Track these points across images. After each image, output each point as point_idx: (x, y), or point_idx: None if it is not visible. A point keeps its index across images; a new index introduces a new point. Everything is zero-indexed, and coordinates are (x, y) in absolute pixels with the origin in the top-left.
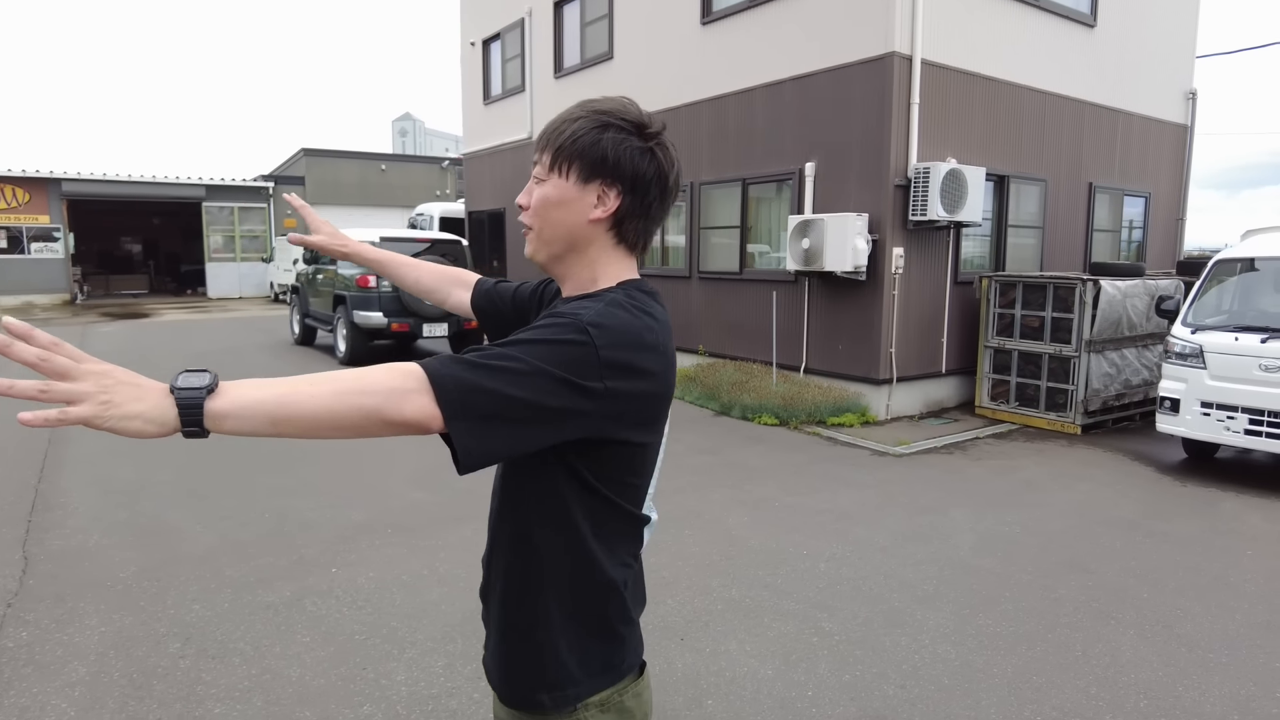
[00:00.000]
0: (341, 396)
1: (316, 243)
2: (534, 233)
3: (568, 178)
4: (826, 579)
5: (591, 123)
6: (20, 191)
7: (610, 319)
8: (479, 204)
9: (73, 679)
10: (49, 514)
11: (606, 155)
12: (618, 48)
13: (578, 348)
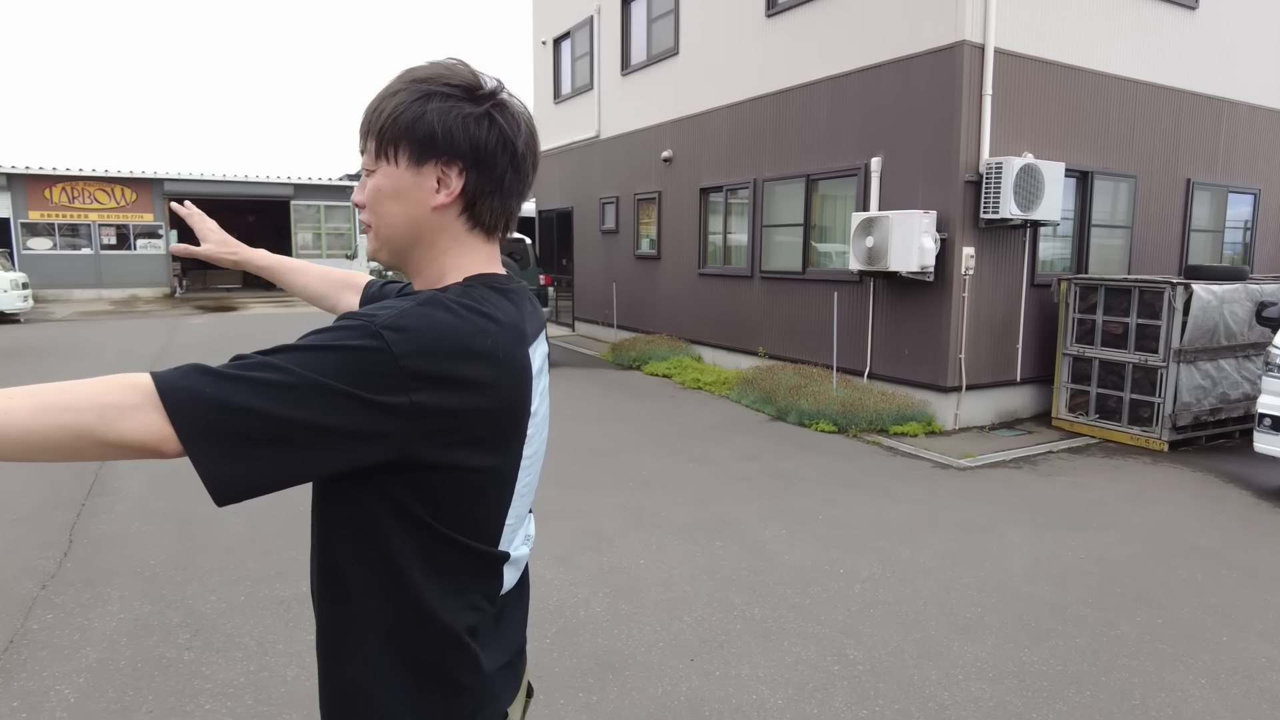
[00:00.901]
0: (41, 414)
1: (202, 253)
2: (372, 230)
3: (397, 163)
4: (859, 601)
5: (412, 94)
6: (128, 191)
7: (419, 320)
8: (548, 203)
9: (81, 665)
10: (101, 499)
11: (435, 130)
12: (683, 43)
13: (367, 354)
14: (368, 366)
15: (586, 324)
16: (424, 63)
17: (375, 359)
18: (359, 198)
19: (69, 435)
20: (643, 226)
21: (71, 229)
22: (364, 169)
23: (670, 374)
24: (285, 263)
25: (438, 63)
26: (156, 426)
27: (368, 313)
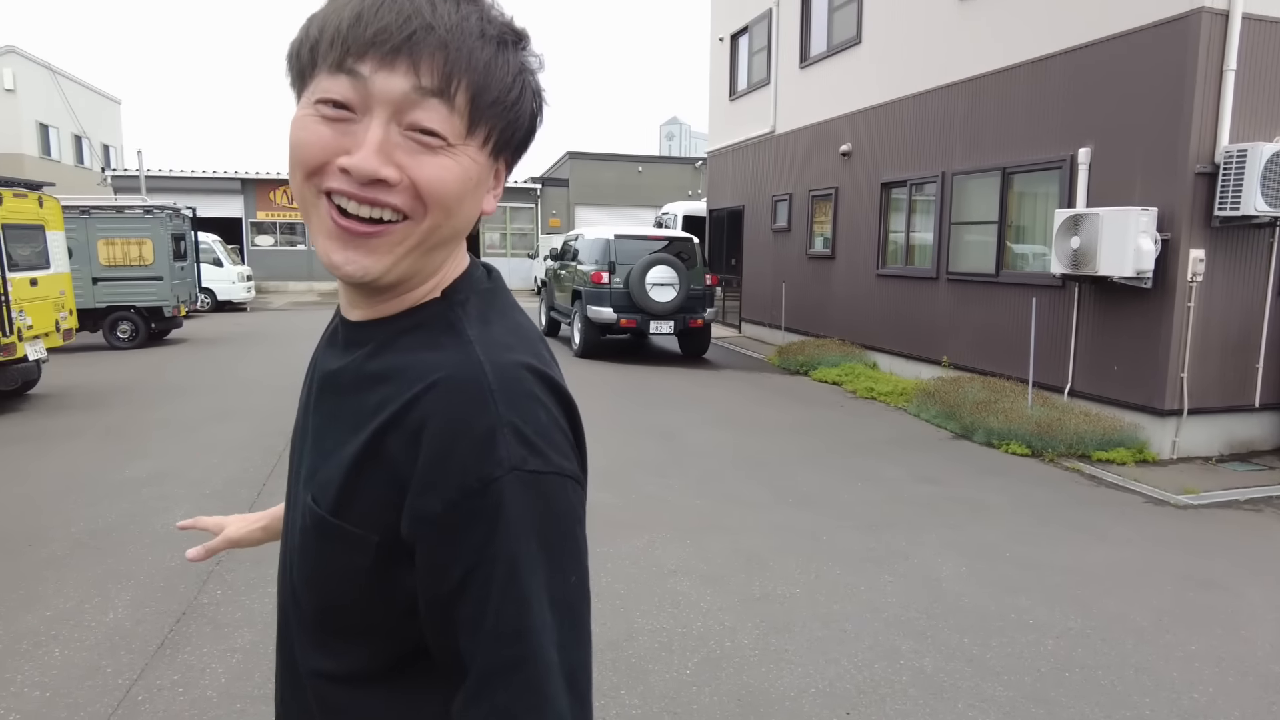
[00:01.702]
0: None
1: (228, 543)
2: (411, 230)
3: (482, 146)
4: (1052, 661)
5: (498, 48)
6: None
7: (536, 397)
8: (719, 201)
9: (236, 645)
10: (280, 480)
11: (534, 116)
12: (866, 30)
13: (576, 494)
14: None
15: (753, 325)
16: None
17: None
18: (390, 171)
19: None
20: (817, 224)
21: (289, 228)
22: (417, 131)
23: (841, 381)
24: None
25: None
26: None
27: (528, 450)
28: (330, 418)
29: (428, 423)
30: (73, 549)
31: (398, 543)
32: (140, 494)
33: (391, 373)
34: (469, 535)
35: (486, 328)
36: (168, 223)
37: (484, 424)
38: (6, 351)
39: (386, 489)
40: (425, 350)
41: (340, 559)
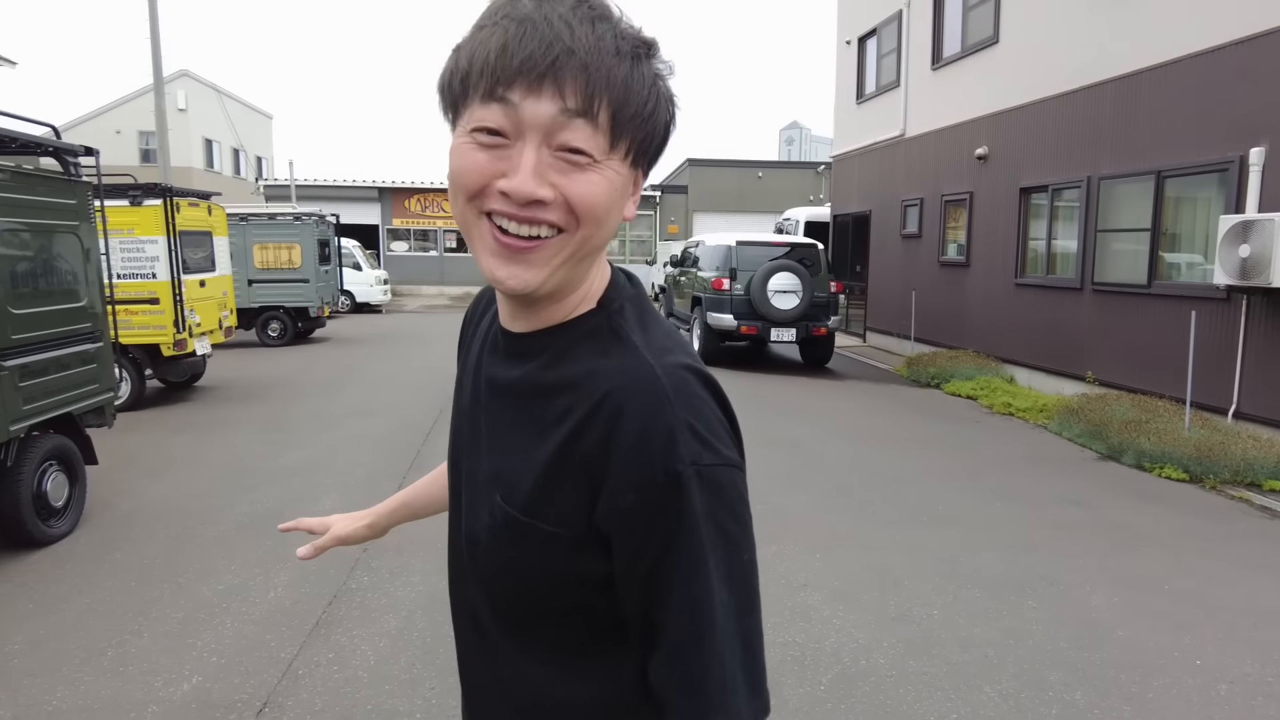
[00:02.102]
0: None
1: (335, 541)
2: (566, 242)
3: (628, 159)
4: (1226, 709)
5: (653, 73)
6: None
7: (700, 396)
8: (844, 207)
9: (383, 629)
10: (419, 473)
11: (670, 130)
12: (1004, 29)
13: (741, 480)
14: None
15: (879, 335)
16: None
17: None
18: (544, 191)
19: None
20: (950, 231)
21: (423, 234)
22: (568, 151)
23: (975, 395)
24: (415, 487)
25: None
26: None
27: (702, 446)
28: (511, 424)
29: (615, 427)
30: (238, 530)
31: (588, 534)
32: (293, 482)
33: (571, 382)
34: (659, 524)
35: (646, 333)
36: (314, 229)
37: (665, 425)
38: (179, 346)
39: (578, 490)
40: (598, 358)
41: (534, 552)
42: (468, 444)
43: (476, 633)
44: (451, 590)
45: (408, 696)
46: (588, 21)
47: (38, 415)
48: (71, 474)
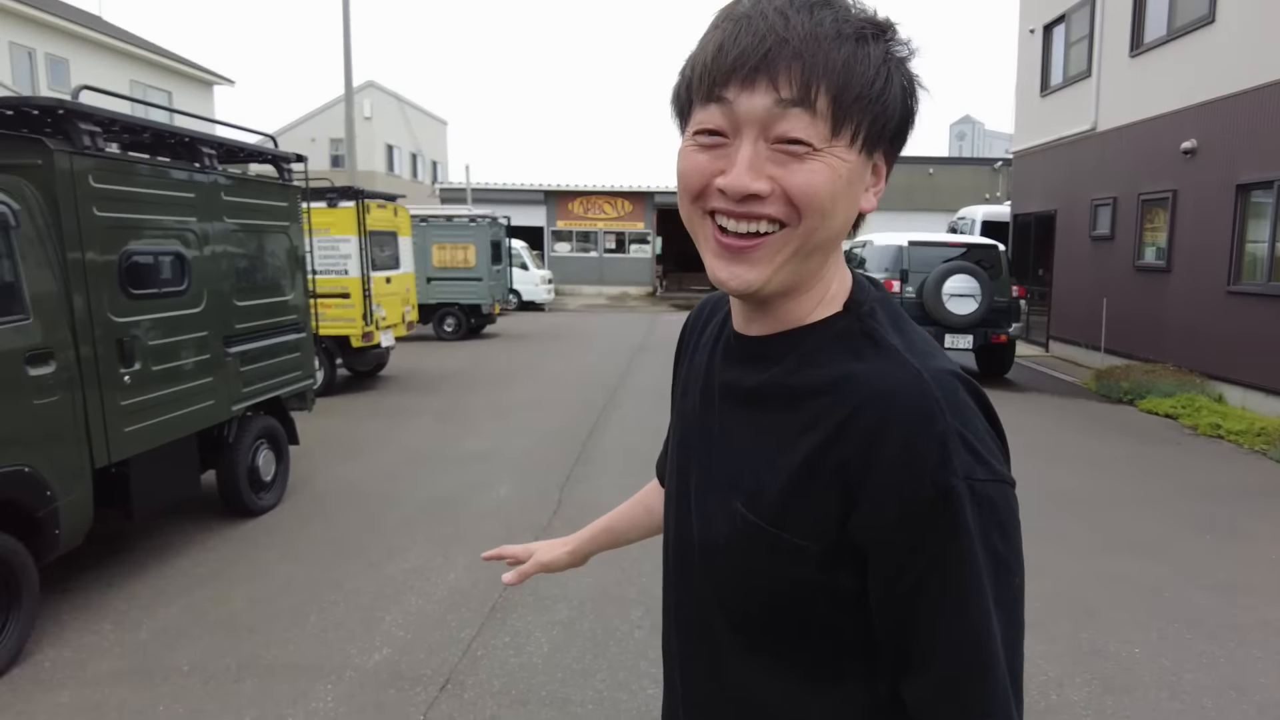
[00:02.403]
0: None
1: (539, 567)
2: (789, 237)
3: (856, 145)
4: None
5: (884, 51)
6: (626, 203)
7: (970, 405)
8: (1026, 205)
9: (555, 619)
10: (585, 467)
11: (910, 110)
12: (1222, 6)
13: (1014, 498)
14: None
15: (1063, 344)
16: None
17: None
18: (760, 185)
19: None
20: (1147, 233)
21: (584, 235)
22: (788, 138)
23: (1176, 414)
24: (618, 512)
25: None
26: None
27: (975, 460)
28: (753, 430)
29: (878, 434)
30: (420, 512)
31: (841, 549)
32: (470, 469)
33: (823, 387)
34: (926, 541)
35: (904, 336)
36: (488, 230)
37: (936, 434)
38: (367, 338)
39: (831, 500)
40: (851, 362)
41: (779, 564)
42: (698, 450)
43: (703, 642)
44: (671, 597)
45: (579, 686)
46: (805, 10)
47: (253, 398)
48: (278, 452)
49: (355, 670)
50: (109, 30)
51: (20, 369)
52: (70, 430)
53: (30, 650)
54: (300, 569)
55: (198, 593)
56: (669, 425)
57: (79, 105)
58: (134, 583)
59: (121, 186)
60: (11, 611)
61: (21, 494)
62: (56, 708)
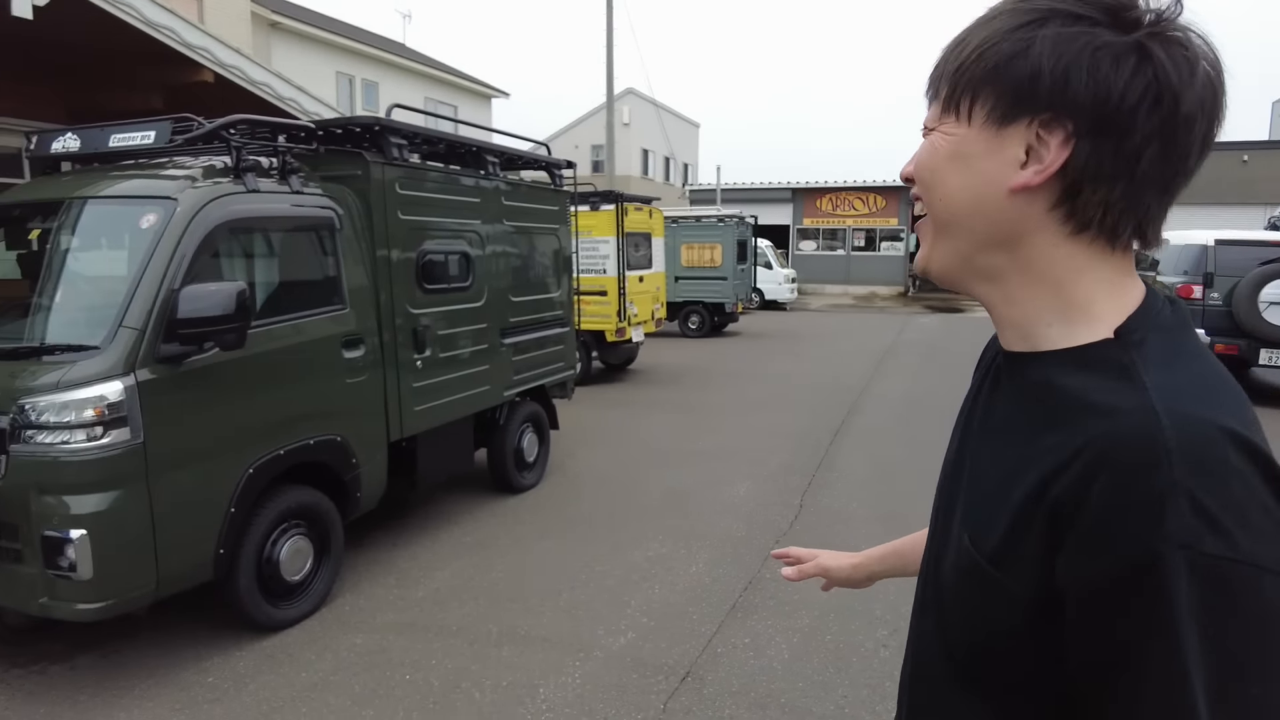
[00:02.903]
0: None
1: (815, 571)
2: (925, 220)
3: (970, 119)
4: None
5: (1017, 18)
6: (878, 198)
7: (1230, 465)
8: None
9: (796, 626)
10: (828, 474)
11: (1042, 68)
12: None
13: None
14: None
15: None
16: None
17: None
18: (910, 169)
19: None
20: None
21: (831, 233)
22: (924, 127)
23: None
24: (913, 537)
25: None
26: None
27: (1207, 527)
28: (992, 460)
29: (1093, 479)
30: (661, 504)
31: (1052, 599)
32: (710, 465)
33: (1061, 419)
34: (1123, 610)
35: (1169, 374)
36: (735, 230)
37: (1152, 488)
38: (620, 334)
39: (1043, 545)
40: (1094, 394)
41: (992, 607)
42: (952, 475)
43: (927, 669)
44: (914, 618)
45: (819, 698)
46: (976, 25)
47: (522, 385)
48: (540, 436)
49: (602, 651)
50: (410, 55)
51: (338, 351)
52: (373, 406)
53: (334, 595)
54: (554, 546)
55: (466, 559)
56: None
57: (391, 122)
58: (415, 545)
59: (421, 193)
60: (323, 559)
61: (333, 459)
62: (353, 647)
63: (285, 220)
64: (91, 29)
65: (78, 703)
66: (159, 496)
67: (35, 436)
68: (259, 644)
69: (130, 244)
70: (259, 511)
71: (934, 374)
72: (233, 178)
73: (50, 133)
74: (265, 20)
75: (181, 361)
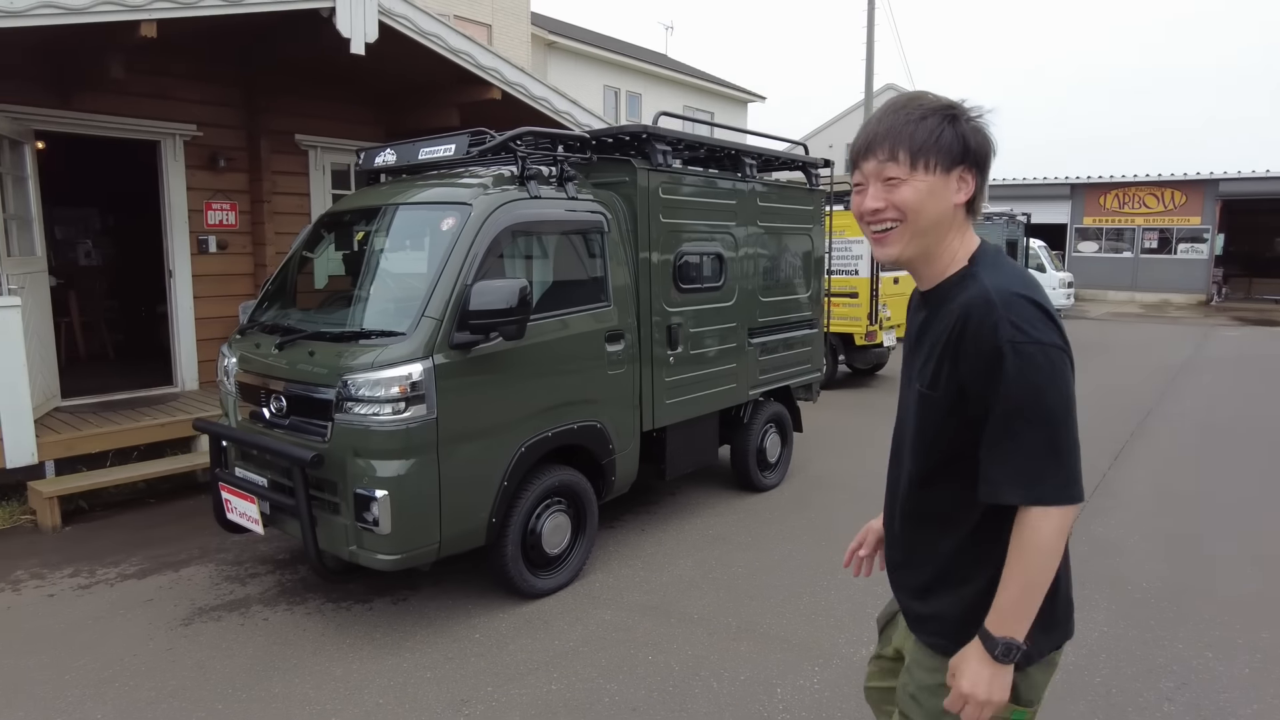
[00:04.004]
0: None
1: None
2: (904, 227)
3: (933, 171)
4: None
5: (940, 118)
6: (1177, 194)
7: (1021, 303)
8: None
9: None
10: (1105, 500)
11: (968, 144)
12: None
13: (1065, 360)
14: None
15: None
16: (904, 93)
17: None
18: (876, 204)
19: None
20: None
21: (1116, 233)
22: (882, 179)
23: None
24: None
25: (918, 93)
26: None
27: (1026, 339)
28: (924, 344)
29: (966, 320)
30: None
31: (959, 395)
32: None
33: (947, 302)
34: (990, 378)
35: (993, 275)
36: (1003, 229)
37: (989, 318)
38: (869, 337)
39: (950, 364)
40: (961, 290)
41: (932, 415)
42: (905, 372)
43: (903, 498)
44: (889, 477)
45: None
46: (890, 113)
47: (766, 385)
48: (783, 436)
49: (842, 660)
50: (670, 65)
51: (601, 345)
52: (629, 397)
53: (587, 571)
54: (796, 549)
55: (708, 551)
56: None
57: (657, 129)
58: (661, 532)
59: (681, 196)
60: (579, 536)
61: (593, 443)
62: (601, 622)
63: (561, 223)
64: (405, 60)
65: (373, 639)
66: (446, 467)
67: (354, 408)
68: (520, 609)
69: (432, 244)
70: (527, 486)
71: (1240, 396)
72: (518, 185)
73: (373, 149)
74: (543, 40)
75: (471, 349)
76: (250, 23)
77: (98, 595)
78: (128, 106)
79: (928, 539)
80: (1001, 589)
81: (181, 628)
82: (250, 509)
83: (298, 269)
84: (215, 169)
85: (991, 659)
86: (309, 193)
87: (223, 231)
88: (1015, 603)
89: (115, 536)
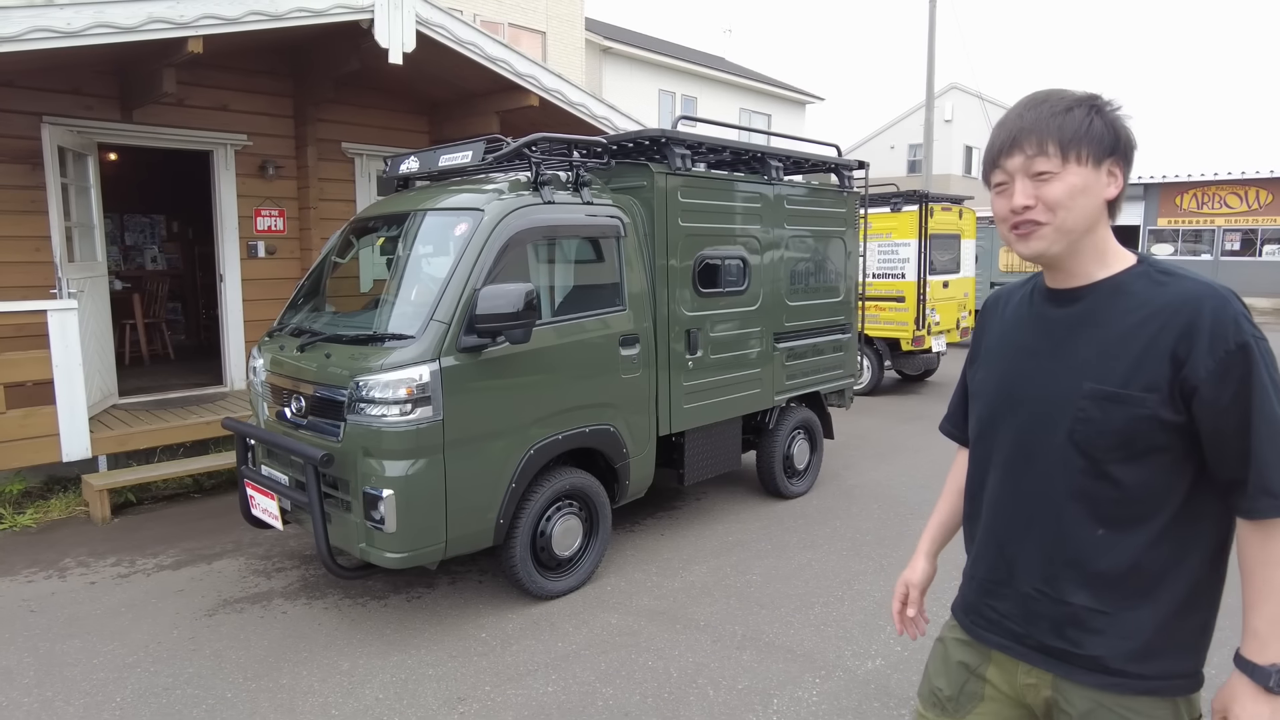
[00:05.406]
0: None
1: (921, 601)
2: (1052, 227)
3: (1085, 164)
4: None
5: (1087, 109)
6: (1262, 193)
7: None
8: None
9: None
10: None
11: (1119, 135)
12: None
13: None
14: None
15: None
16: (1039, 90)
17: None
18: (1025, 200)
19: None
20: None
21: (1194, 235)
22: (1031, 175)
23: None
24: (943, 509)
25: (1054, 89)
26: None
27: (1247, 336)
28: (1085, 340)
29: (1198, 316)
30: None
31: (1178, 394)
32: None
33: (1147, 302)
34: (1236, 373)
35: (1189, 275)
36: None
37: (1229, 314)
38: (917, 342)
39: (1169, 365)
40: (1157, 288)
41: (1121, 410)
42: (1026, 366)
43: (1051, 491)
44: (1009, 476)
45: None
46: (1032, 107)
47: (794, 390)
48: (812, 443)
49: (845, 672)
50: (726, 67)
51: (615, 349)
52: (644, 401)
53: (600, 574)
54: (815, 558)
55: (725, 558)
56: (956, 392)
57: (675, 133)
58: (680, 536)
59: (701, 200)
60: (590, 539)
61: (606, 446)
62: (607, 626)
63: (576, 228)
64: (444, 68)
65: (384, 635)
66: (452, 468)
67: (364, 409)
68: (528, 610)
69: (445, 249)
70: (537, 488)
71: None
72: (532, 190)
73: (399, 157)
74: (598, 47)
75: (479, 352)
76: (294, 36)
77: (134, 584)
78: (183, 118)
79: (1103, 551)
80: (1254, 610)
81: (205, 618)
82: (271, 505)
83: (326, 274)
84: (265, 177)
85: (1267, 692)
86: (354, 199)
87: (271, 237)
88: (1275, 621)
89: (158, 529)
